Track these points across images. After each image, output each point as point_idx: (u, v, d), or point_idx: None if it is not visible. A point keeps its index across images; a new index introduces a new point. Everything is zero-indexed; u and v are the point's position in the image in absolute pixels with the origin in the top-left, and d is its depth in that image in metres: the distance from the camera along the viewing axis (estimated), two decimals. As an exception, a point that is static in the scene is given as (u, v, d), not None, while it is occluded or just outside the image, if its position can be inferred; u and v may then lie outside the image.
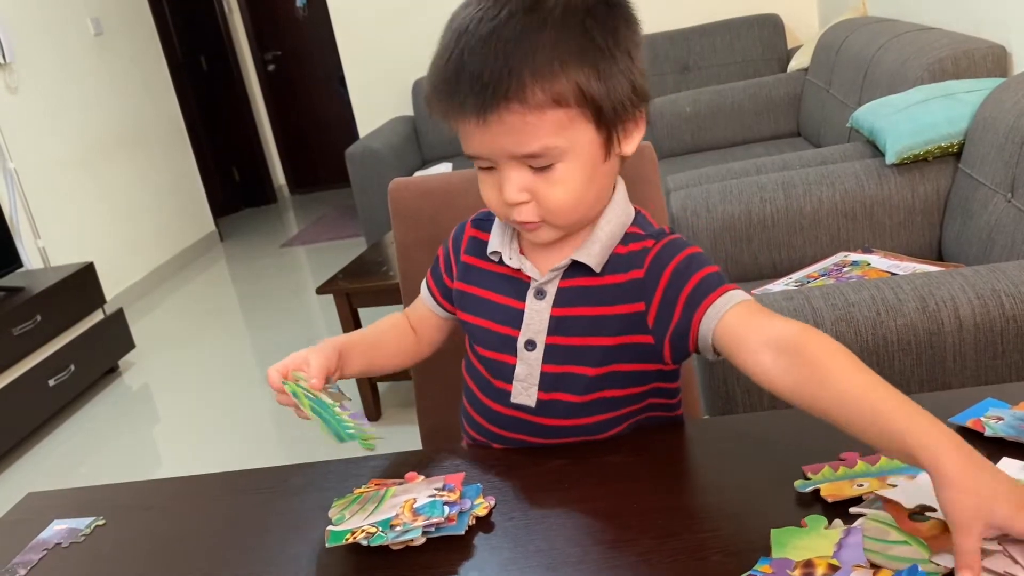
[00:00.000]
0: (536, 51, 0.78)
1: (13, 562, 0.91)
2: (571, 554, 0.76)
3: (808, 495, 0.77)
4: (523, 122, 0.80)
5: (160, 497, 1.02)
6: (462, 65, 0.80)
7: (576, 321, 0.92)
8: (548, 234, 0.89)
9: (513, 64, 0.78)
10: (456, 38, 0.81)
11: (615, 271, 0.90)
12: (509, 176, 0.84)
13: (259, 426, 3.00)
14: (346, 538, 0.80)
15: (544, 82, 0.79)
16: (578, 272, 0.92)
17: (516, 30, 0.79)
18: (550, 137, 0.81)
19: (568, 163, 0.84)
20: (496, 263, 0.97)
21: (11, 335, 3.05)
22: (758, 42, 4.08)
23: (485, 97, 0.79)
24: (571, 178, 0.84)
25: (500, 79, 0.78)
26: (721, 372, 1.41)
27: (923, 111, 2.06)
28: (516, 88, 0.78)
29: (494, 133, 0.81)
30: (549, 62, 0.79)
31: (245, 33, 6.63)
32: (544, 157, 0.82)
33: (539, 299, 0.93)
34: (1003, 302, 1.35)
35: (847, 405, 0.70)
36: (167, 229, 5.09)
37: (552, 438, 0.95)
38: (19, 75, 4.00)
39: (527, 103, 0.79)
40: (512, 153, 0.83)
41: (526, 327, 0.94)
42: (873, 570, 0.66)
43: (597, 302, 0.91)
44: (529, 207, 0.86)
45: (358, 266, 2.88)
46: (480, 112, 0.80)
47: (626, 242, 0.92)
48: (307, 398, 0.91)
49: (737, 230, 2.14)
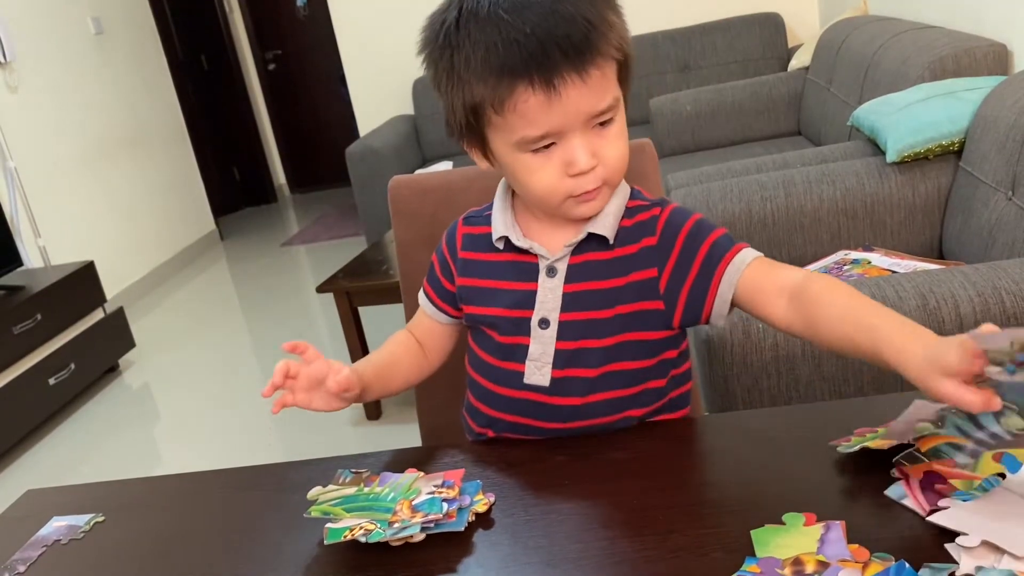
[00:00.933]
0: (590, 7, 0.82)
1: (12, 559, 0.91)
2: (571, 550, 0.76)
3: (855, 455, 0.79)
4: (602, 75, 0.83)
5: (159, 494, 1.02)
6: (544, 35, 0.80)
7: (588, 295, 0.93)
8: (602, 199, 0.91)
9: (587, 20, 0.81)
10: (510, 17, 0.81)
11: (625, 243, 0.93)
12: (579, 144, 0.85)
13: (259, 424, 3.00)
14: (344, 535, 0.80)
15: (608, 31, 0.83)
16: (588, 247, 0.94)
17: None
18: (614, 88, 0.86)
19: (619, 117, 0.88)
20: (500, 251, 0.98)
21: (11, 334, 3.05)
22: (759, 41, 4.08)
23: (583, 54, 0.81)
24: (622, 132, 0.88)
25: (587, 35, 0.81)
26: (721, 369, 1.41)
27: (924, 109, 2.05)
28: (599, 41, 0.82)
29: (584, 94, 0.82)
30: (603, 14, 0.83)
31: (246, 32, 6.63)
32: (612, 110, 0.86)
33: (551, 277, 0.94)
34: (1004, 300, 1.35)
35: (843, 324, 0.79)
36: (167, 228, 5.09)
37: (563, 421, 0.95)
38: (19, 74, 4.00)
39: (606, 56, 0.83)
40: (594, 111, 0.84)
41: (540, 305, 0.94)
42: (861, 566, 0.66)
43: (609, 274, 0.93)
44: (595, 173, 0.87)
45: (358, 265, 2.88)
46: (581, 70, 0.81)
47: (630, 215, 0.94)
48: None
49: (738, 228, 2.13)
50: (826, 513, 0.73)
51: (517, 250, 0.96)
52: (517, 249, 0.96)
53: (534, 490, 0.87)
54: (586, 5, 0.82)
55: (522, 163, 0.88)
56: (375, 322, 2.86)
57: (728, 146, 3.55)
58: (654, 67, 4.18)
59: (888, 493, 0.75)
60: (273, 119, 6.81)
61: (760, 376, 1.40)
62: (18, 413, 3.05)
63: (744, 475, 0.81)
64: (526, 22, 0.80)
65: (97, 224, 4.41)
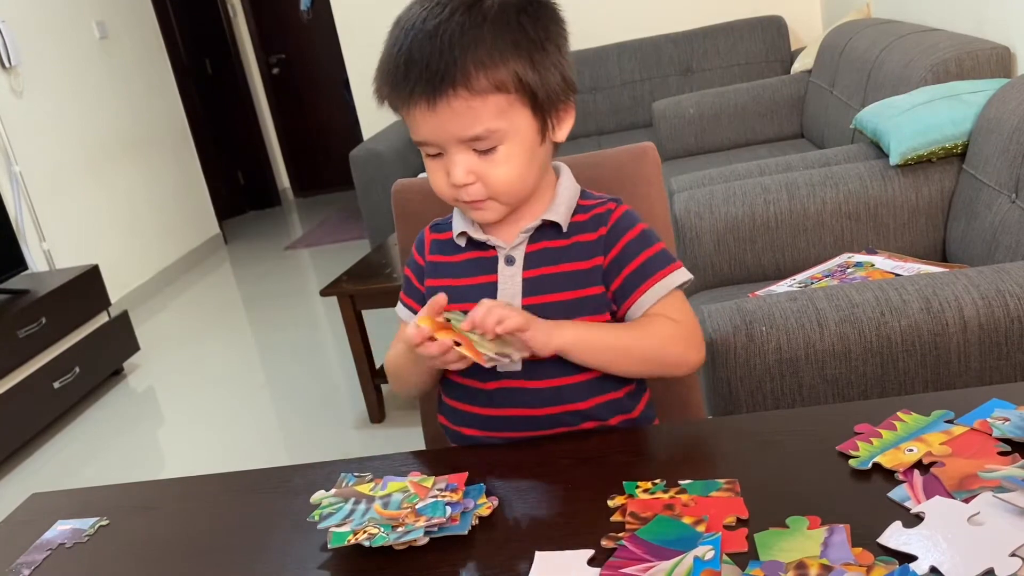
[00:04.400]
0: (478, 43, 0.88)
1: (17, 562, 0.91)
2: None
3: (869, 470, 0.79)
4: (468, 107, 0.89)
5: (163, 498, 1.03)
6: (412, 57, 0.89)
7: (547, 279, 1.00)
8: (494, 212, 0.98)
9: (458, 54, 0.87)
10: (404, 33, 0.91)
11: (581, 231, 1.01)
12: (457, 159, 0.93)
13: (263, 428, 3.01)
14: (348, 539, 0.80)
15: (486, 70, 0.88)
16: (544, 236, 1.01)
17: (460, 25, 0.88)
18: (492, 120, 0.90)
19: (509, 145, 0.93)
20: (462, 250, 1.04)
21: (16, 337, 3.06)
22: (762, 44, 4.08)
23: (434, 84, 0.88)
24: (512, 159, 0.94)
25: (447, 68, 0.87)
26: (725, 373, 1.41)
27: (927, 112, 2.05)
28: (462, 76, 0.88)
29: (442, 118, 0.90)
30: (490, 53, 0.88)
31: (250, 36, 6.64)
32: (487, 139, 0.91)
33: (509, 265, 1.01)
34: (1007, 303, 1.35)
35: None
36: (172, 232, 5.10)
37: (541, 407, 0.99)
38: (24, 78, 4.02)
39: (471, 89, 0.88)
40: (459, 136, 0.91)
41: (501, 293, 1.01)
42: (865, 569, 0.66)
43: (565, 259, 1.00)
44: (476, 187, 0.94)
45: (362, 268, 2.88)
46: (430, 98, 0.89)
47: (583, 210, 1.02)
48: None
49: (741, 231, 2.13)
50: (830, 516, 0.73)
51: (477, 246, 1.03)
52: (477, 245, 1.03)
53: (538, 494, 0.87)
54: (472, 40, 0.88)
55: (425, 161, 0.98)
56: (379, 325, 2.86)
57: (731, 149, 3.55)
58: (657, 70, 4.18)
59: (891, 496, 0.75)
60: (277, 123, 6.82)
61: (763, 379, 1.40)
62: (23, 416, 3.05)
63: (748, 478, 0.81)
64: (408, 43, 0.90)
65: (102, 228, 4.42)
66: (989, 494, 0.71)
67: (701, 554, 0.71)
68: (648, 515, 0.78)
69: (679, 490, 0.81)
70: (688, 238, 2.15)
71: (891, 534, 0.70)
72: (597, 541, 0.76)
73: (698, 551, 0.71)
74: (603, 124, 4.27)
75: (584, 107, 4.26)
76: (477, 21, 0.89)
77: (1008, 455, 0.77)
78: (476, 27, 0.88)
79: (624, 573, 0.71)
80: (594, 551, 0.75)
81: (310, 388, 3.23)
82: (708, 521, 0.75)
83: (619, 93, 4.22)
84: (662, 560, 0.71)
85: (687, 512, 0.77)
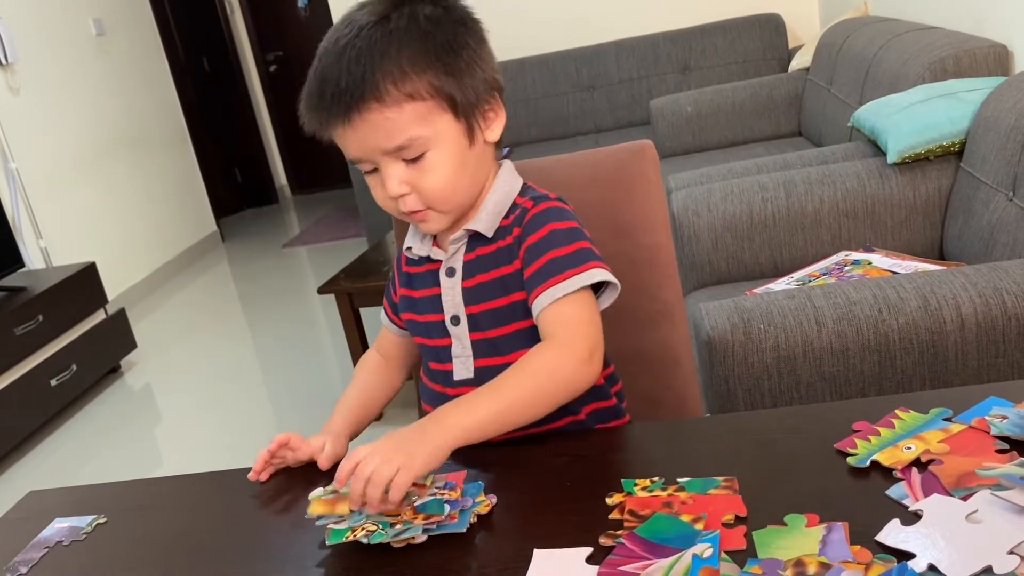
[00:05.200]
0: (385, 55, 0.89)
1: (15, 560, 0.91)
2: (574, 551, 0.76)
3: (866, 467, 0.79)
4: (384, 118, 0.90)
5: (161, 496, 1.02)
6: (324, 78, 0.91)
7: (484, 287, 1.00)
8: (437, 221, 0.98)
9: (366, 69, 0.89)
10: (319, 58, 0.93)
11: (504, 235, 1.00)
12: (388, 172, 0.93)
13: (261, 425, 3.00)
14: (347, 536, 0.80)
15: (395, 81, 0.89)
16: (476, 244, 1.01)
17: (367, 41, 0.90)
18: (412, 128, 0.91)
19: (436, 151, 0.93)
20: (417, 262, 1.06)
21: (13, 335, 3.05)
22: (759, 42, 4.08)
23: (346, 101, 0.89)
24: (442, 164, 0.94)
25: (356, 83, 0.89)
26: (722, 371, 1.41)
27: (924, 110, 2.05)
28: (371, 89, 0.89)
29: (362, 133, 0.91)
30: (398, 64, 0.89)
31: (247, 34, 6.64)
32: (412, 148, 0.92)
33: (450, 277, 1.02)
34: (1005, 300, 1.35)
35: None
36: (169, 229, 5.10)
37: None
38: (21, 75, 4.01)
39: (383, 101, 0.89)
40: (383, 148, 0.91)
41: (446, 305, 1.02)
42: (863, 567, 0.66)
43: (495, 265, 1.00)
44: (412, 198, 0.95)
45: (359, 266, 2.88)
46: (345, 115, 0.90)
47: (513, 211, 1.01)
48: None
49: (738, 229, 2.14)
50: (828, 514, 0.73)
51: (426, 259, 1.04)
52: (425, 258, 1.04)
53: (536, 492, 0.87)
54: (378, 52, 0.89)
55: (365, 179, 0.98)
56: (376, 323, 2.86)
57: (729, 147, 3.55)
58: (655, 68, 4.18)
59: (890, 494, 0.75)
60: (274, 120, 6.82)
61: (761, 377, 1.40)
62: (20, 414, 3.05)
63: (746, 476, 0.81)
64: (322, 64, 0.92)
65: (99, 225, 4.42)
66: (987, 492, 0.71)
67: (699, 552, 0.71)
68: (646, 513, 0.78)
69: (677, 488, 0.81)
70: (686, 236, 2.15)
71: (889, 532, 0.70)
72: (595, 539, 0.76)
73: (696, 549, 0.71)
74: (601, 122, 4.27)
75: (582, 105, 4.26)
76: (384, 35, 0.90)
77: (1006, 453, 0.77)
78: (383, 40, 0.90)
79: (622, 571, 0.71)
80: (592, 549, 0.75)
81: (307, 386, 3.23)
82: (706, 519, 0.76)
83: (617, 91, 4.22)
84: (660, 558, 0.71)
85: (685, 510, 0.77)
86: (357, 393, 1.13)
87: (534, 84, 4.28)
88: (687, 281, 2.18)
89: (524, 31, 4.35)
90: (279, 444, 1.00)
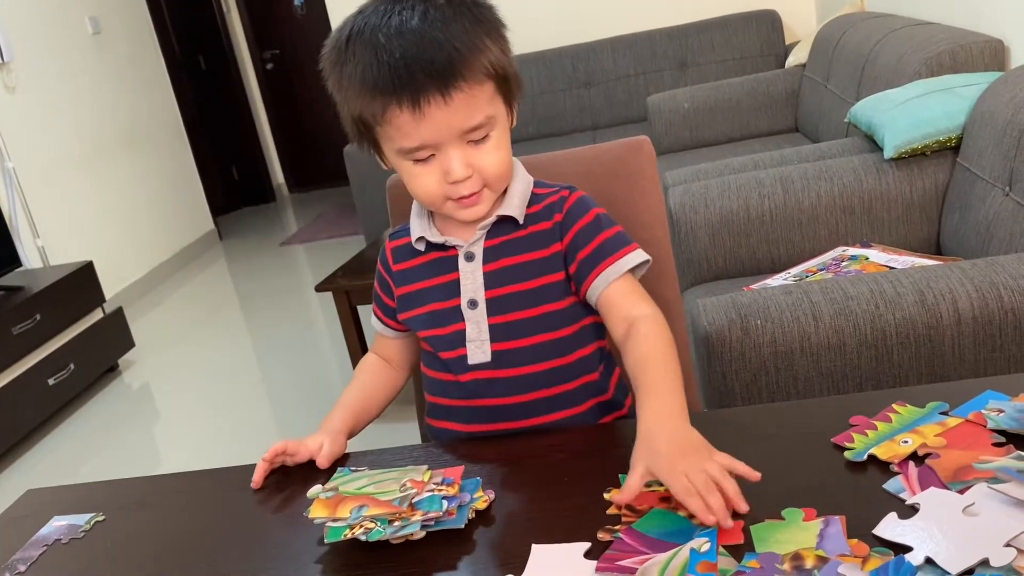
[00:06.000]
0: (463, 34, 0.90)
1: (13, 558, 0.91)
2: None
3: (864, 461, 0.80)
4: (471, 96, 0.90)
5: (160, 493, 1.02)
6: (411, 59, 0.88)
7: (508, 271, 1.01)
8: (485, 203, 0.99)
9: (455, 47, 0.89)
10: (385, 40, 0.89)
11: (536, 221, 1.02)
12: (454, 154, 0.93)
13: (259, 423, 3.00)
14: (345, 534, 0.80)
15: (478, 56, 0.90)
16: (500, 230, 1.02)
17: (437, 20, 0.89)
18: (488, 107, 0.93)
19: (498, 131, 0.96)
20: (421, 253, 1.05)
21: (10, 334, 3.05)
22: (756, 38, 4.08)
23: (445, 79, 0.88)
24: (502, 144, 0.97)
25: (451, 61, 0.88)
26: (720, 366, 1.42)
27: (921, 105, 2.06)
28: (463, 66, 0.89)
29: (448, 112, 0.90)
30: (474, 41, 0.90)
31: (243, 32, 6.62)
32: (485, 127, 0.93)
33: (469, 261, 1.02)
34: (1001, 295, 1.36)
35: (633, 372, 0.91)
36: (166, 228, 5.09)
37: (513, 395, 1.00)
38: (17, 74, 4.00)
39: (471, 79, 0.90)
40: (463, 128, 0.92)
41: (464, 289, 1.02)
42: (861, 560, 0.66)
43: (523, 249, 1.02)
44: (473, 180, 0.95)
45: (357, 264, 2.88)
46: (444, 92, 0.88)
47: (538, 200, 1.03)
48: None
49: (736, 225, 2.14)
50: (825, 508, 0.74)
51: (436, 247, 1.04)
52: (436, 246, 1.04)
53: (534, 487, 0.87)
54: (457, 32, 0.89)
55: (407, 169, 0.97)
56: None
57: (726, 143, 3.55)
58: (651, 64, 4.17)
59: (887, 487, 0.75)
60: (271, 118, 6.81)
61: (758, 372, 1.41)
62: (18, 413, 3.05)
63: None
64: (397, 47, 0.88)
65: (96, 224, 4.41)
66: (984, 485, 0.71)
67: (697, 546, 0.71)
68: (644, 508, 0.78)
69: None
70: (683, 232, 2.15)
71: (886, 525, 0.70)
72: (593, 534, 0.76)
73: (694, 543, 0.71)
74: (598, 118, 4.27)
75: (579, 101, 4.26)
76: (449, 15, 0.90)
77: (1002, 446, 0.78)
78: (453, 19, 0.90)
79: (620, 565, 0.71)
80: (590, 544, 0.75)
81: (305, 383, 3.23)
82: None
83: (614, 87, 4.22)
84: (658, 552, 0.72)
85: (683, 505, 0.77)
86: (356, 393, 1.13)
87: (531, 81, 4.27)
88: (684, 277, 2.18)
89: (521, 28, 4.31)
90: (275, 454, 0.99)
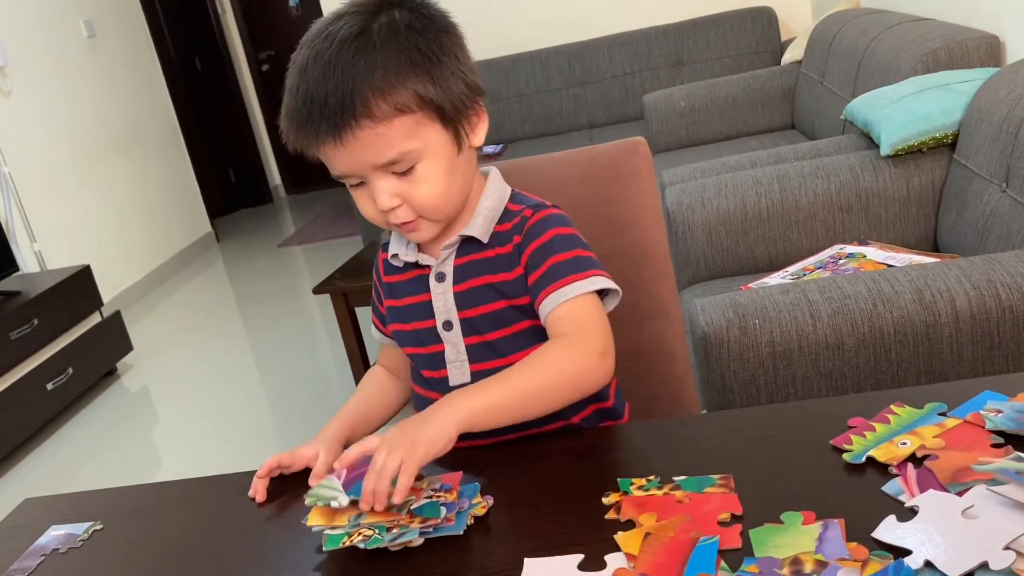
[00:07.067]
0: (372, 70, 0.87)
1: (11, 568, 0.91)
2: (571, 551, 0.76)
3: (863, 463, 0.79)
4: (375, 135, 0.88)
5: (158, 501, 1.02)
6: (310, 96, 0.88)
7: (478, 291, 1.00)
8: (428, 230, 0.98)
9: (355, 86, 0.87)
10: (300, 74, 0.90)
11: (501, 243, 1.00)
12: (379, 186, 0.92)
13: (258, 428, 3.00)
14: (343, 541, 0.80)
15: (385, 95, 0.88)
16: (468, 249, 1.01)
17: (350, 56, 0.88)
18: (403, 142, 0.90)
19: (427, 162, 0.92)
20: (401, 269, 1.05)
21: (8, 339, 3.05)
22: (751, 35, 4.07)
23: (337, 119, 0.87)
24: (433, 175, 0.93)
25: (346, 101, 0.87)
26: (718, 367, 1.41)
27: (917, 102, 2.06)
28: (361, 106, 0.87)
29: (352, 150, 0.89)
30: (385, 77, 0.88)
31: (239, 33, 6.62)
32: (403, 162, 0.91)
33: (440, 282, 1.02)
34: (999, 292, 1.35)
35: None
36: (163, 231, 5.09)
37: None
38: (12, 78, 3.99)
39: (374, 117, 0.88)
40: (374, 164, 0.90)
41: (437, 311, 1.02)
42: (860, 564, 0.66)
43: (488, 271, 1.00)
44: (403, 209, 0.94)
45: (355, 265, 2.88)
46: (335, 134, 0.88)
47: (507, 219, 1.01)
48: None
49: (733, 224, 2.13)
50: (824, 511, 0.73)
51: (412, 266, 1.04)
52: (412, 265, 1.03)
53: (532, 492, 0.87)
54: (367, 68, 0.87)
55: (351, 192, 0.97)
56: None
57: (722, 141, 3.55)
58: (647, 63, 4.17)
59: (886, 490, 0.75)
60: (268, 120, 6.80)
61: (757, 373, 1.40)
62: (16, 419, 3.04)
63: (742, 474, 0.81)
64: (307, 81, 0.89)
65: (93, 228, 4.40)
66: (983, 487, 0.71)
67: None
68: (643, 512, 0.78)
69: (673, 486, 0.81)
70: (680, 231, 2.15)
71: (885, 528, 0.70)
72: (592, 538, 0.76)
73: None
74: (594, 117, 4.26)
75: (575, 100, 4.26)
76: (367, 48, 0.88)
77: (1001, 447, 0.77)
78: (367, 54, 0.88)
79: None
80: (584, 555, 0.74)
81: (304, 386, 3.23)
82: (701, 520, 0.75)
83: (610, 86, 4.22)
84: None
85: (682, 509, 0.77)
86: (356, 403, 1.13)
87: (527, 80, 4.27)
88: (682, 277, 2.18)
89: (516, 27, 4.35)
90: (268, 470, 0.98)
